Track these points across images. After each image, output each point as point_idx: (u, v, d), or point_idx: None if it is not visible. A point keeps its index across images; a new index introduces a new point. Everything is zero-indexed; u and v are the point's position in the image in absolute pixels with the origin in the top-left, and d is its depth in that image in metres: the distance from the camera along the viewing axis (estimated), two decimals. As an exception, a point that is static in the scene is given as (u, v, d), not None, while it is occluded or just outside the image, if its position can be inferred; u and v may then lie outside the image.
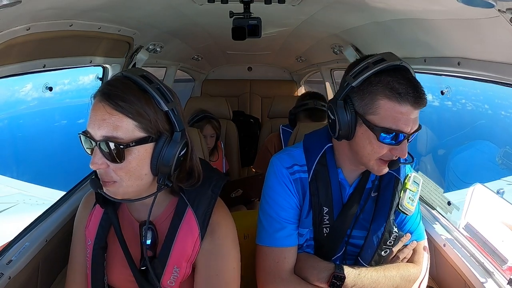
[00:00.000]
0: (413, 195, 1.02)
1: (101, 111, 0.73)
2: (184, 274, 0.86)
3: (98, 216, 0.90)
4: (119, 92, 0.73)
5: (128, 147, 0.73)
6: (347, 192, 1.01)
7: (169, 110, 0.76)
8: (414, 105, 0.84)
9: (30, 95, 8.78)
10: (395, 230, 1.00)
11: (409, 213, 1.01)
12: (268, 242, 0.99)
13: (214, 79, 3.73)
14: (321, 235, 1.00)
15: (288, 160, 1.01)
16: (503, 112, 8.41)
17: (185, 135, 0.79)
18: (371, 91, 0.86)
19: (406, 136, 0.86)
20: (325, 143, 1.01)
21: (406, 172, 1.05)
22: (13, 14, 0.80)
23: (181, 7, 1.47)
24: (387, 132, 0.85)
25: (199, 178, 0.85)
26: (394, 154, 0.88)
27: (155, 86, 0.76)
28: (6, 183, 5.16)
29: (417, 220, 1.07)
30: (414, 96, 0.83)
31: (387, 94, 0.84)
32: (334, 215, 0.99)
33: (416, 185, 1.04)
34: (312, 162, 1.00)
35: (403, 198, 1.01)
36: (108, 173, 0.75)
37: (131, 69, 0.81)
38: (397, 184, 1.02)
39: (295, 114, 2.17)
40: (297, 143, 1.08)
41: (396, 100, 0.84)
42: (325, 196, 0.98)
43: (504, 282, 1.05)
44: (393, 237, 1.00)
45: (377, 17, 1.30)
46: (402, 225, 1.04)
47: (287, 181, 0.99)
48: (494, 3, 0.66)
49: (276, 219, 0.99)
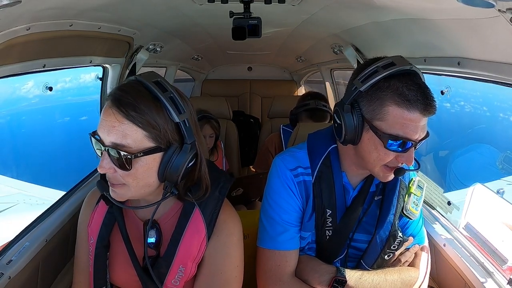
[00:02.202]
0: (417, 199, 1.01)
1: (111, 118, 0.72)
2: (189, 274, 0.86)
3: (101, 214, 0.90)
4: (131, 99, 0.72)
5: (136, 157, 0.72)
6: (351, 195, 1.00)
7: (180, 122, 0.75)
8: (424, 112, 0.81)
9: (32, 92, 8.79)
10: (399, 235, 0.99)
11: (413, 217, 1.00)
12: (270, 245, 0.98)
13: (214, 79, 3.73)
14: (324, 238, 0.99)
15: (292, 161, 0.99)
16: (501, 114, 8.47)
17: (195, 147, 0.78)
18: (379, 96, 0.83)
19: (413, 144, 0.84)
20: (329, 144, 0.99)
21: (411, 176, 1.05)
22: (13, 14, 0.80)
23: (181, 7, 1.47)
24: (395, 139, 0.83)
25: (207, 191, 0.84)
26: (400, 161, 0.86)
27: (168, 95, 0.74)
28: (6, 183, 5.16)
29: (420, 224, 1.06)
30: (424, 104, 0.81)
31: (396, 101, 0.81)
32: (337, 218, 0.98)
33: (420, 189, 1.03)
34: (316, 164, 0.98)
35: (408, 202, 1.00)
36: (116, 177, 0.75)
37: (145, 73, 0.78)
38: (402, 188, 1.01)
39: (296, 114, 2.17)
40: (301, 143, 1.05)
41: (405, 107, 0.81)
42: (328, 199, 0.97)
43: (504, 282, 1.05)
44: (398, 242, 0.99)
45: (377, 17, 1.30)
46: (404, 228, 1.03)
47: (291, 184, 0.98)
48: (494, 3, 0.66)
49: (278, 222, 0.97)
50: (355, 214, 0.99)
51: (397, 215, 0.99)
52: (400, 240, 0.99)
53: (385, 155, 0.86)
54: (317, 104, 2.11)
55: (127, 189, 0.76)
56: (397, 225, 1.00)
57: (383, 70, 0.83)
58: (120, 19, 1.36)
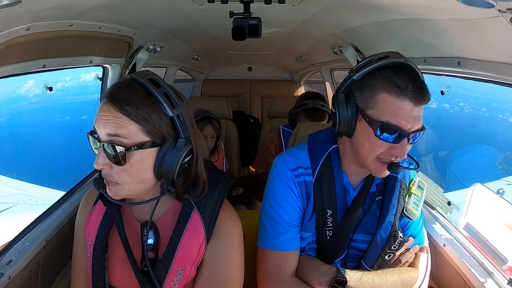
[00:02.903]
0: (417, 199, 1.01)
1: (106, 113, 0.74)
2: (189, 277, 0.86)
3: (99, 215, 0.89)
4: (125, 95, 0.74)
5: (130, 150, 0.73)
6: (351, 196, 1.00)
7: (174, 116, 0.76)
8: (414, 101, 0.81)
9: (32, 91, 8.80)
10: (400, 235, 0.99)
11: (413, 217, 1.00)
12: (271, 246, 0.98)
13: (214, 79, 3.73)
14: (324, 238, 0.99)
15: (292, 161, 0.99)
16: (500, 115, 8.52)
17: (190, 142, 0.79)
18: (371, 84, 0.85)
19: (406, 134, 0.83)
20: (330, 145, 0.99)
21: (411, 177, 1.04)
22: (13, 14, 0.80)
23: (181, 7, 1.47)
24: (385, 127, 0.83)
25: (204, 189, 0.84)
26: (393, 154, 0.85)
27: (162, 91, 0.76)
28: (6, 183, 5.16)
29: (420, 224, 1.06)
30: (414, 92, 0.80)
31: (386, 88, 0.82)
32: (338, 218, 0.98)
33: (421, 189, 1.03)
34: (317, 164, 0.98)
35: (408, 203, 1.00)
36: (111, 174, 0.76)
37: (140, 72, 0.81)
38: (402, 188, 1.01)
39: (295, 114, 2.17)
40: (301, 144, 1.05)
41: (395, 94, 0.81)
42: (329, 199, 0.97)
43: (504, 282, 1.05)
44: (398, 242, 0.99)
45: (377, 17, 1.30)
46: (405, 229, 1.03)
47: (292, 184, 0.97)
48: (494, 3, 0.66)
49: (279, 222, 0.97)
50: (355, 214, 0.98)
51: (397, 216, 0.99)
52: (401, 241, 0.99)
53: (377, 145, 0.85)
54: (315, 103, 2.11)
55: (121, 188, 0.77)
56: (398, 225, 1.00)
57: (376, 61, 0.86)
58: (120, 19, 1.36)
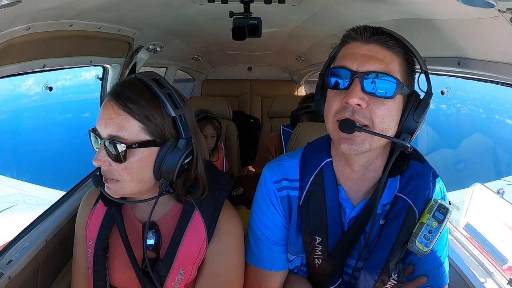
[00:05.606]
0: (432, 231, 0.78)
1: (109, 110, 0.74)
2: (190, 277, 0.86)
3: (99, 215, 0.89)
4: (129, 93, 0.74)
5: (130, 148, 0.73)
6: (348, 216, 0.84)
7: (176, 116, 0.76)
8: (362, 38, 0.72)
9: (32, 89, 8.80)
10: (393, 278, 0.80)
11: (421, 255, 0.79)
12: (253, 262, 0.91)
13: (214, 79, 3.73)
14: (313, 265, 0.88)
15: (278, 172, 0.89)
16: (496, 116, 8.60)
17: (191, 143, 0.79)
18: (336, 55, 0.80)
19: (353, 74, 0.71)
20: (324, 157, 0.85)
21: (432, 195, 0.82)
22: (13, 14, 0.80)
23: (181, 7, 1.47)
24: (332, 73, 0.74)
25: (204, 191, 0.84)
26: (345, 102, 0.72)
27: (165, 91, 0.77)
28: (6, 183, 5.16)
29: (437, 262, 0.83)
30: (364, 32, 0.72)
31: (342, 44, 0.78)
32: (329, 245, 0.84)
33: (440, 217, 0.79)
34: (306, 182, 0.85)
35: (417, 235, 0.78)
36: (111, 171, 0.76)
37: (145, 72, 0.81)
38: (410, 215, 0.80)
39: (298, 115, 2.17)
40: (297, 150, 0.94)
41: (346, 43, 0.77)
42: (318, 224, 0.83)
43: (504, 282, 1.05)
44: (390, 285, 0.82)
45: (377, 17, 1.30)
46: (415, 265, 0.84)
47: (273, 198, 0.88)
48: (494, 3, 0.66)
49: (261, 239, 0.89)
50: (353, 240, 0.83)
51: (395, 252, 0.80)
52: (395, 283, 0.81)
53: (331, 99, 0.75)
54: None
55: (121, 186, 0.77)
56: (394, 265, 0.80)
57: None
58: (120, 19, 1.36)
